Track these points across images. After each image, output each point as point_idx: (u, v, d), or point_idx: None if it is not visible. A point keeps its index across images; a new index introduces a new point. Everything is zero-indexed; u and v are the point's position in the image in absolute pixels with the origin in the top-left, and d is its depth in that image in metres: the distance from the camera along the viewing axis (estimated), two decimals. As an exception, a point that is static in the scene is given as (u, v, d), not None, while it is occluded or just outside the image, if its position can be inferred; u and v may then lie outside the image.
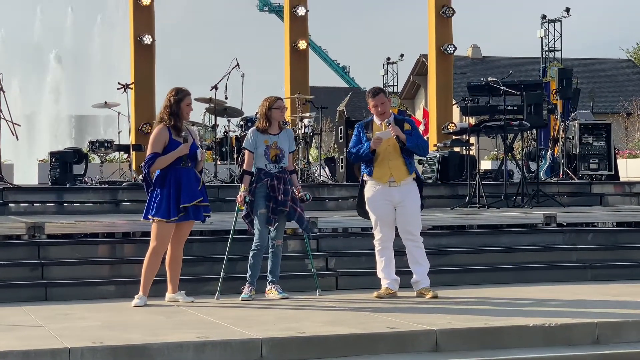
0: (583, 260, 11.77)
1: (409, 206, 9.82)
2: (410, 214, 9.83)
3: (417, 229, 9.88)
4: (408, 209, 9.82)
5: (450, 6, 21.37)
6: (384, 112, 9.90)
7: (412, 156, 9.91)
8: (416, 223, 9.87)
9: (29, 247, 10.61)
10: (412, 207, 9.83)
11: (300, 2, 20.99)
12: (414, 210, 9.86)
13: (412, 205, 9.84)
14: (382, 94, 9.97)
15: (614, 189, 16.26)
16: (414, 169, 9.93)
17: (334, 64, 69.17)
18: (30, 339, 7.54)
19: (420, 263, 9.88)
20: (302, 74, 21.02)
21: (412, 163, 9.89)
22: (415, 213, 9.86)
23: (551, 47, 30.36)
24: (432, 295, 9.73)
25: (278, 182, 9.76)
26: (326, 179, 17.29)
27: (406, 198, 9.81)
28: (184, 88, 9.64)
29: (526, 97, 15.02)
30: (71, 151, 16.92)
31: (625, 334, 8.17)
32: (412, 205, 9.84)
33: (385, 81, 39.55)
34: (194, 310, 9.07)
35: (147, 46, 19.72)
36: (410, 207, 9.82)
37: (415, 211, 9.87)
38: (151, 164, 9.36)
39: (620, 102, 45.34)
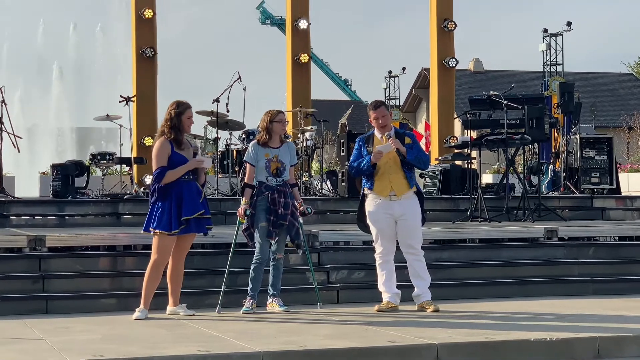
0: (584, 274, 11.75)
1: (410, 220, 9.82)
2: (411, 227, 9.83)
3: (418, 242, 9.88)
4: (409, 222, 9.82)
5: (452, 20, 21.44)
6: (384, 125, 9.93)
7: (412, 170, 9.93)
8: (417, 236, 9.87)
9: (30, 260, 10.60)
10: (412, 220, 9.84)
11: (302, 15, 21.05)
12: (415, 224, 9.86)
13: (413, 218, 9.84)
14: (383, 106, 10.02)
15: (616, 203, 16.26)
16: (415, 182, 9.94)
17: (336, 77, 69.24)
18: (31, 352, 7.54)
19: (421, 277, 9.87)
20: (304, 87, 21.08)
21: (412, 177, 9.89)
22: (416, 227, 9.86)
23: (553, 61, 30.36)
24: (433, 309, 9.72)
25: (279, 196, 9.76)
26: (328, 193, 17.29)
27: (407, 212, 9.82)
28: (185, 101, 9.64)
29: (528, 110, 15.03)
30: (73, 164, 16.93)
31: (627, 348, 8.17)
32: (413, 218, 9.84)
33: (387, 94, 39.55)
34: (195, 323, 9.06)
35: (149, 59, 19.79)
36: (411, 220, 9.83)
37: (416, 225, 9.87)
38: (161, 178, 9.33)
39: (622, 116, 45.38)
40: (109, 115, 17.34)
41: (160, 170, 9.35)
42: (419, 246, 9.88)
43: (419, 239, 9.89)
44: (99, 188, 16.77)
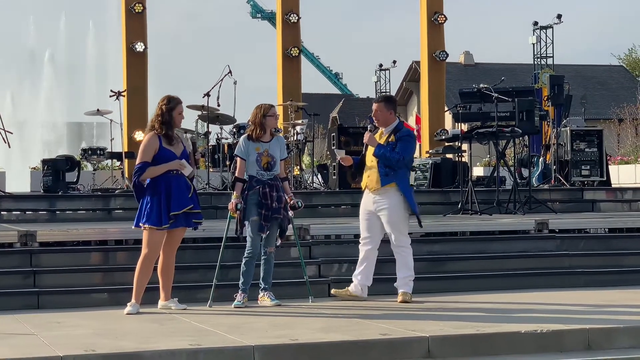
0: (575, 266, 11.78)
1: (386, 215, 9.95)
2: (387, 222, 9.97)
3: (396, 236, 9.97)
4: (385, 217, 9.97)
5: (442, 13, 21.44)
6: (377, 120, 10.04)
7: (391, 168, 9.91)
8: (394, 231, 9.97)
9: (21, 255, 10.59)
10: (388, 216, 9.94)
11: (293, 9, 21.03)
12: (391, 220, 9.95)
13: (389, 214, 9.94)
14: (376, 102, 10.15)
15: (606, 195, 16.30)
16: (394, 180, 9.92)
17: (327, 71, 69.23)
18: (22, 347, 7.54)
19: (399, 269, 10.03)
20: (295, 81, 21.06)
21: (390, 173, 9.91)
22: (391, 222, 9.95)
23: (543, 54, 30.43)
24: (402, 300, 9.87)
25: (270, 190, 9.77)
26: (319, 186, 17.30)
27: (382, 207, 9.95)
28: (176, 96, 9.64)
29: (518, 103, 15.05)
30: (63, 159, 16.91)
31: (617, 340, 8.19)
32: (389, 214, 9.94)
33: (378, 87, 39.59)
34: (186, 317, 9.07)
35: (140, 54, 19.75)
36: (387, 216, 9.95)
37: (392, 220, 9.95)
38: (141, 173, 9.36)
39: (612, 108, 45.41)
40: (100, 110, 17.33)
41: (142, 165, 9.36)
42: (398, 241, 9.98)
43: (397, 233, 9.97)
44: (90, 183, 16.76)
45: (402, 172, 9.98)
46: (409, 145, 10.06)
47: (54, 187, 15.57)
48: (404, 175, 10.04)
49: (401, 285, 10.01)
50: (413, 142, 10.22)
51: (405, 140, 9.98)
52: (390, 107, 10.13)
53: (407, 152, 10.00)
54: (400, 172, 9.96)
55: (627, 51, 63.65)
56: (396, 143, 9.92)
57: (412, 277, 10.02)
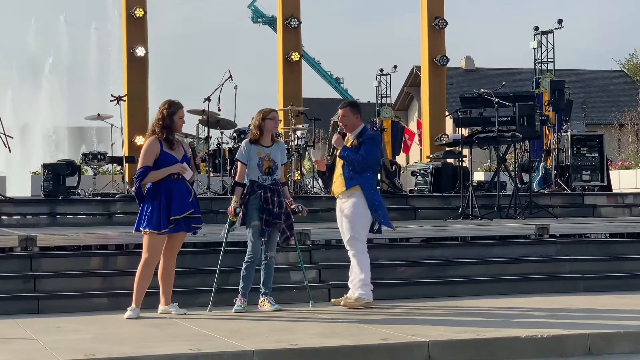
0: (575, 271, 11.77)
1: (344, 217, 9.97)
2: (344, 224, 9.99)
3: (351, 242, 9.94)
4: (344, 219, 9.98)
5: (443, 18, 21.49)
6: (344, 125, 10.11)
7: (355, 171, 9.88)
8: (349, 235, 9.94)
9: (21, 260, 10.58)
10: (346, 218, 9.96)
11: (294, 14, 21.07)
12: (347, 221, 9.94)
13: (346, 216, 9.95)
14: (342, 108, 10.17)
15: (607, 200, 16.31)
16: (358, 184, 9.88)
17: (328, 76, 69.15)
18: (22, 352, 7.53)
19: (352, 272, 9.98)
20: (295, 86, 21.10)
21: (354, 177, 9.91)
22: (347, 224, 9.94)
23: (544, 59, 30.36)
24: (343, 304, 9.88)
25: (272, 194, 9.76)
26: (319, 191, 17.30)
27: (343, 209, 9.96)
28: (177, 101, 9.64)
29: (519, 108, 15.06)
30: (64, 163, 16.92)
31: (618, 344, 8.19)
32: (346, 216, 9.95)
33: (379, 92, 39.48)
34: (186, 322, 9.06)
35: (140, 58, 19.80)
36: (345, 218, 9.97)
37: (348, 223, 9.93)
38: (142, 178, 9.36)
39: (613, 113, 45.44)
40: (100, 115, 17.34)
41: (144, 169, 9.36)
42: (351, 242, 9.94)
43: (351, 237, 9.94)
44: (91, 187, 16.76)
45: (366, 175, 9.92)
46: (372, 148, 9.96)
47: (55, 192, 15.58)
48: (369, 179, 9.96)
49: (357, 288, 9.90)
50: (376, 144, 10.09)
51: (368, 143, 9.95)
52: (356, 112, 10.12)
53: (370, 154, 9.92)
54: (365, 175, 9.91)
55: (628, 56, 63.63)
56: (359, 146, 9.94)
57: (365, 282, 9.84)
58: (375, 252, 11.54)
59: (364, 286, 9.87)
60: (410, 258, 11.65)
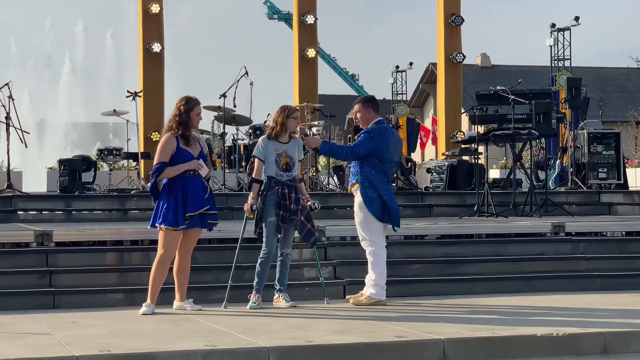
0: (591, 269, 11.73)
1: (355, 214, 10.01)
2: (356, 222, 10.00)
3: (361, 237, 9.98)
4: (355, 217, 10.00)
5: (459, 15, 21.39)
6: (358, 120, 10.15)
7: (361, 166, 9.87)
8: (360, 230, 9.98)
9: (37, 255, 10.62)
10: (355, 215, 10.02)
11: (310, 10, 21.02)
12: (356, 219, 10.00)
13: (355, 213, 10.01)
14: (356, 103, 10.18)
15: (623, 198, 16.23)
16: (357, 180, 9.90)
17: (343, 72, 69.17)
18: (38, 347, 7.55)
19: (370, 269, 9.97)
20: (311, 82, 21.05)
21: (354, 174, 9.93)
22: (357, 221, 10.00)
23: (560, 56, 30.22)
24: (352, 302, 9.89)
25: (289, 191, 9.76)
26: (334, 188, 17.29)
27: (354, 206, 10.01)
28: (194, 97, 9.63)
29: (535, 106, 15.00)
30: (80, 159, 16.95)
31: (634, 344, 8.16)
32: (355, 213, 10.01)
33: (394, 89, 39.40)
34: (201, 318, 9.07)
35: (156, 54, 19.79)
36: (355, 215, 10.01)
37: (357, 219, 9.99)
38: (159, 174, 9.36)
39: (630, 111, 45.20)
40: (116, 111, 17.36)
41: (160, 165, 9.36)
42: (363, 240, 9.96)
43: (361, 235, 9.96)
44: (106, 183, 16.78)
45: (365, 171, 9.87)
46: (365, 141, 9.86)
47: (70, 187, 15.60)
48: (368, 176, 9.85)
49: (366, 288, 9.95)
50: (370, 137, 9.86)
51: (362, 137, 9.95)
52: (368, 107, 10.09)
53: (357, 145, 9.88)
54: (364, 171, 9.87)
55: (645, 54, 63.29)
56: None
57: (379, 282, 9.86)
58: (390, 249, 11.51)
59: (374, 286, 9.89)
60: (426, 255, 11.64)
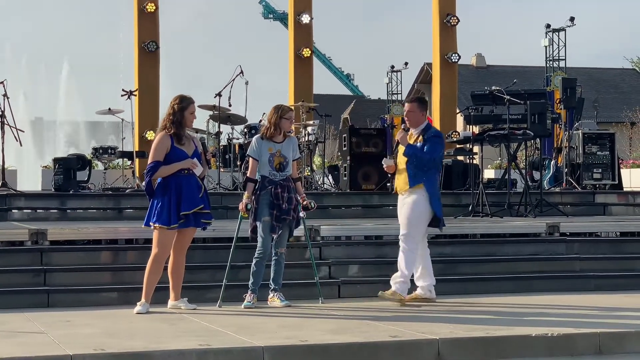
0: (586, 270, 11.74)
1: (404, 212, 9.97)
2: (402, 218, 9.99)
3: (404, 233, 9.94)
4: (403, 214, 9.99)
5: (454, 15, 21.40)
6: (409, 120, 10.08)
7: (420, 169, 9.87)
8: (405, 226, 9.95)
9: (31, 254, 10.60)
10: (405, 213, 9.96)
11: (305, 9, 21.02)
12: (406, 216, 9.96)
13: (406, 211, 9.95)
14: (409, 102, 10.17)
15: (618, 198, 16.25)
16: (421, 181, 9.88)
17: (338, 72, 69.23)
18: (32, 345, 7.54)
19: (400, 267, 9.97)
20: (306, 82, 21.05)
21: (418, 175, 9.87)
22: (404, 219, 9.96)
23: (555, 56, 30.29)
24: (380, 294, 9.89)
25: (282, 190, 9.76)
26: (329, 187, 17.29)
27: (404, 206, 9.95)
28: (188, 96, 9.63)
29: (530, 106, 15.01)
30: (75, 158, 16.92)
31: (628, 344, 8.16)
32: (406, 211, 9.95)
33: (389, 89, 39.43)
34: (196, 317, 9.06)
35: (152, 53, 19.76)
36: (404, 213, 9.97)
37: (408, 215, 9.94)
38: (153, 173, 9.36)
39: (624, 111, 45.27)
40: (111, 109, 17.34)
41: (154, 164, 9.36)
42: (404, 237, 9.93)
43: (405, 229, 9.94)
44: (101, 182, 16.77)
45: (430, 173, 9.94)
46: (438, 146, 9.97)
47: (65, 186, 15.58)
48: (433, 177, 9.99)
49: (397, 285, 9.96)
50: (441, 142, 10.09)
51: (433, 141, 9.92)
52: (423, 108, 10.09)
53: (436, 152, 9.94)
54: (429, 173, 9.91)
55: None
56: (424, 143, 9.90)
57: (405, 280, 9.92)
58: (386, 248, 11.57)
59: (402, 283, 9.92)
60: (420, 255, 11.62)
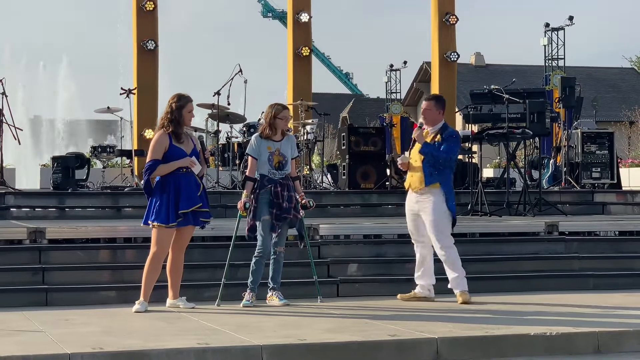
0: (585, 269, 11.74)
1: (427, 215, 9.90)
2: (427, 222, 9.92)
3: (437, 237, 9.90)
4: (425, 217, 9.92)
5: (453, 14, 21.39)
6: (425, 118, 10.06)
7: (436, 167, 9.86)
8: (435, 231, 9.90)
9: (30, 252, 10.60)
10: (428, 217, 9.90)
11: (304, 8, 21.01)
12: (432, 219, 9.89)
13: (429, 215, 9.89)
14: (427, 101, 10.15)
15: (616, 197, 16.24)
16: (437, 180, 9.87)
17: (337, 71, 69.22)
18: (30, 344, 7.53)
19: (448, 270, 9.99)
20: (305, 81, 21.04)
21: (434, 174, 9.87)
22: (433, 221, 9.89)
23: (554, 55, 30.25)
24: (462, 301, 9.85)
25: (282, 189, 9.75)
26: (328, 186, 17.28)
27: (423, 207, 9.92)
28: (186, 94, 9.62)
29: (529, 105, 15.00)
30: (73, 156, 16.92)
31: (627, 343, 8.16)
32: (429, 215, 9.89)
33: (388, 88, 39.39)
34: (194, 316, 9.06)
35: (151, 51, 19.75)
36: (426, 217, 9.91)
37: (433, 219, 9.89)
38: (151, 171, 9.35)
39: (623, 110, 45.30)
40: (110, 108, 17.33)
41: (153, 162, 9.35)
42: (440, 240, 9.91)
43: (438, 233, 9.91)
44: (100, 180, 16.76)
45: (446, 172, 9.93)
46: (455, 146, 9.97)
47: (64, 185, 15.57)
48: (448, 176, 9.98)
49: (455, 286, 9.96)
50: (458, 142, 10.12)
51: (451, 141, 9.92)
52: (440, 107, 10.08)
53: (453, 152, 9.94)
54: (444, 172, 9.90)
55: (639, 53, 63.55)
56: (442, 143, 9.88)
57: (464, 275, 9.98)
58: (384, 247, 11.58)
59: (462, 281, 9.95)
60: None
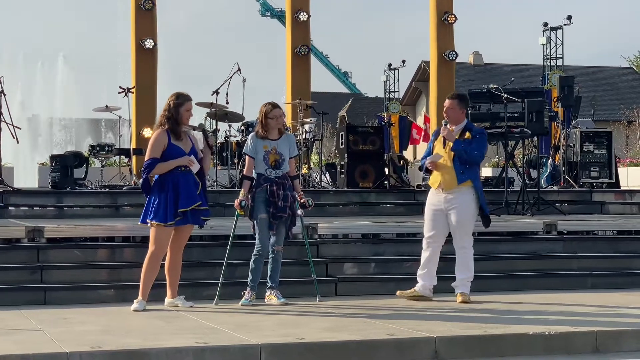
0: (583, 268, 11.74)
1: (456, 215, 9.90)
2: (456, 221, 9.92)
3: (461, 237, 9.95)
4: (455, 217, 9.91)
5: (452, 13, 21.38)
6: (448, 116, 10.05)
7: (466, 164, 9.87)
8: (460, 231, 9.93)
9: (28, 251, 10.59)
10: (458, 215, 9.90)
11: (302, 7, 20.99)
12: (459, 219, 9.90)
13: (459, 214, 9.90)
14: (450, 100, 10.10)
15: (615, 197, 16.24)
16: (469, 178, 9.89)
17: (336, 70, 69.25)
18: (28, 343, 7.52)
19: (459, 269, 10.02)
20: (304, 80, 21.02)
21: (466, 172, 9.87)
22: (460, 221, 9.91)
23: (553, 55, 30.32)
24: (461, 300, 9.87)
25: (277, 188, 9.74)
26: (327, 185, 17.28)
27: (454, 206, 9.91)
28: (185, 93, 9.62)
29: (527, 104, 14.99)
30: (72, 155, 16.91)
31: (625, 343, 8.16)
32: (459, 214, 9.90)
33: (387, 87, 39.44)
34: (193, 315, 9.05)
35: (149, 50, 19.72)
36: (456, 215, 9.91)
37: (461, 219, 9.90)
38: (150, 170, 9.35)
39: (622, 110, 45.34)
40: (109, 107, 17.33)
41: (151, 161, 9.34)
42: (463, 242, 9.97)
43: (462, 232, 9.96)
44: (98, 179, 16.75)
45: (475, 169, 9.98)
46: (485, 143, 10.07)
47: (62, 183, 15.57)
48: (477, 173, 10.05)
49: (460, 286, 10.00)
50: (486, 140, 10.18)
51: (481, 139, 9.97)
52: (463, 106, 10.08)
53: (483, 149, 10.01)
54: (473, 169, 9.94)
55: (637, 53, 63.68)
56: (471, 140, 9.88)
57: (471, 279, 10.03)
58: (382, 246, 11.58)
59: (468, 283, 10.02)
60: (418, 253, 11.55)
